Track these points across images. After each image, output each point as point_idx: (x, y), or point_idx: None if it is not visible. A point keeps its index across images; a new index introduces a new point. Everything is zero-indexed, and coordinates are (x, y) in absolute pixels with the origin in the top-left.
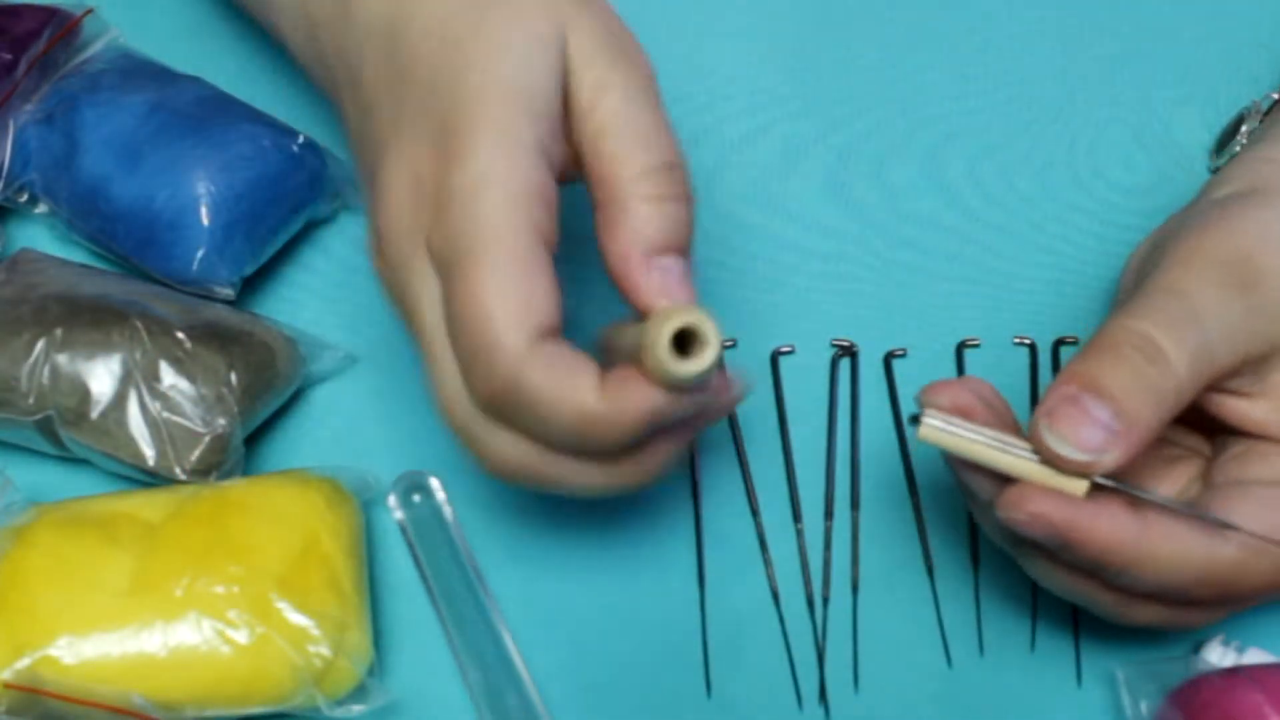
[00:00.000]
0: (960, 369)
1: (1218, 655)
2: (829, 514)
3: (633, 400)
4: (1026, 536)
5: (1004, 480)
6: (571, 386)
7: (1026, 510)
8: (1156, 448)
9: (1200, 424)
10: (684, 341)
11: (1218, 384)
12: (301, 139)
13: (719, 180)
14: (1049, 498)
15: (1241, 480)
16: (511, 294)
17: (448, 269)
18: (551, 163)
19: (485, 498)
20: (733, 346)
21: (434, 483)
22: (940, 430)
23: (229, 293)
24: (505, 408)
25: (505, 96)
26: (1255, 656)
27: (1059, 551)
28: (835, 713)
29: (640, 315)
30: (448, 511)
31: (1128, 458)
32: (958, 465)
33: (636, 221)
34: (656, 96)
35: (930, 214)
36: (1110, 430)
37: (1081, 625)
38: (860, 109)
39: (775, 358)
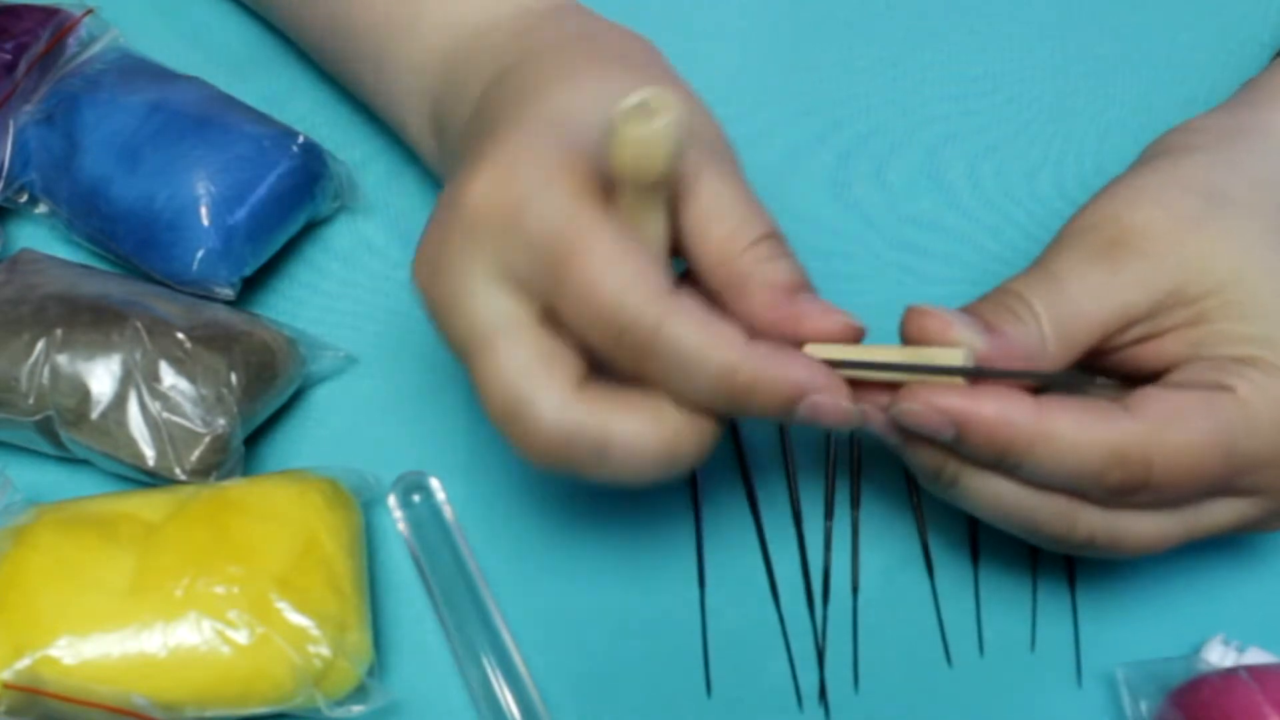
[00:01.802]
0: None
1: (1218, 655)
2: (829, 514)
3: (785, 364)
4: (924, 433)
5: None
6: (719, 332)
7: (919, 400)
8: None
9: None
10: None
11: (1118, 341)
12: (301, 139)
13: None
14: (939, 387)
15: (1146, 389)
16: (627, 261)
17: (555, 268)
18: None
19: (485, 498)
20: None
21: (434, 483)
22: (828, 349)
23: (229, 293)
24: (653, 363)
25: (552, 120)
26: (1255, 656)
27: (958, 445)
28: (835, 713)
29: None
30: (448, 511)
31: (995, 350)
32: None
33: (766, 280)
34: (736, 171)
35: (930, 214)
36: (977, 326)
37: (1081, 625)
38: (861, 110)
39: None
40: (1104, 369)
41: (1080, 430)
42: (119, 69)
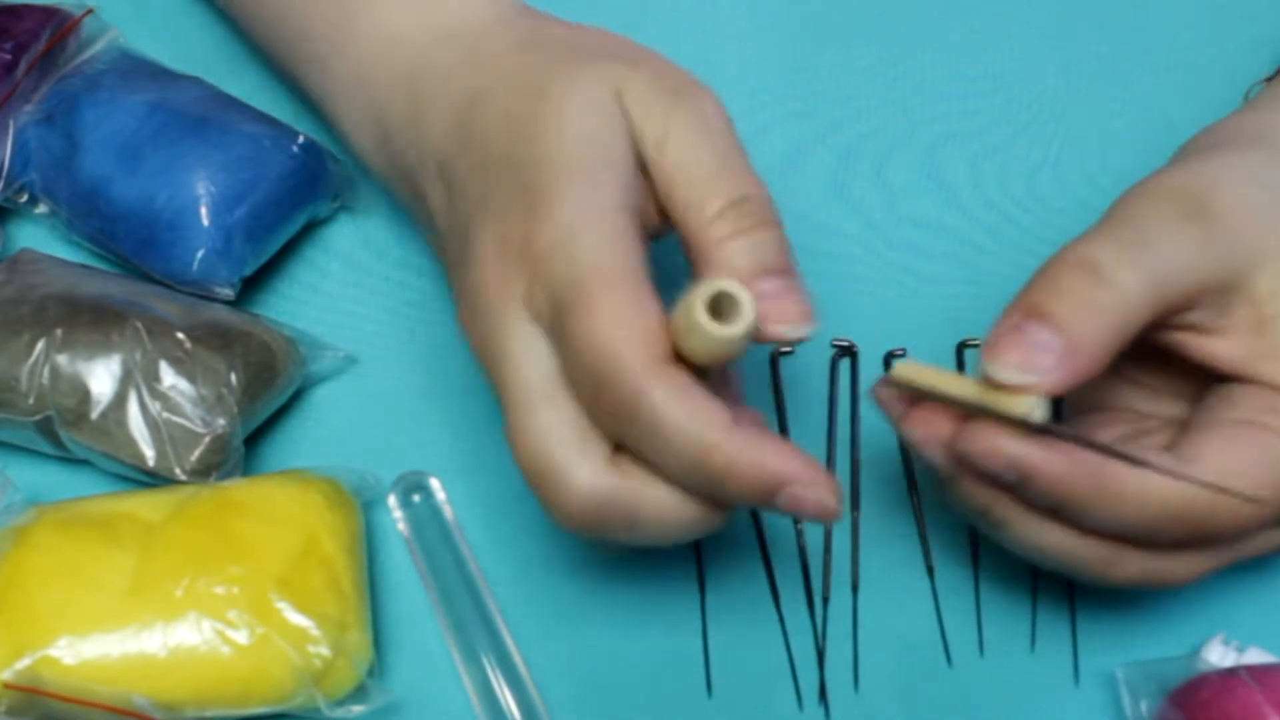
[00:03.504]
0: (961, 369)
1: (1218, 655)
2: None
3: (765, 451)
4: (988, 472)
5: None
6: (703, 410)
7: (985, 442)
8: (1132, 420)
9: (1176, 389)
10: (720, 312)
11: (1179, 319)
12: (302, 139)
13: None
14: (1005, 429)
15: (1210, 422)
16: (632, 321)
17: (561, 314)
18: (636, 216)
19: (485, 498)
20: None
21: (434, 483)
22: (909, 369)
23: (229, 293)
24: (632, 428)
25: (578, 155)
26: (1255, 656)
27: (1019, 487)
28: (835, 713)
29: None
30: (448, 511)
31: (1074, 377)
32: (919, 429)
33: (724, 264)
34: (720, 130)
35: (930, 214)
36: (1053, 352)
37: (1081, 625)
38: (861, 110)
39: (775, 358)
40: (1150, 357)
41: (1143, 487)
42: (119, 69)
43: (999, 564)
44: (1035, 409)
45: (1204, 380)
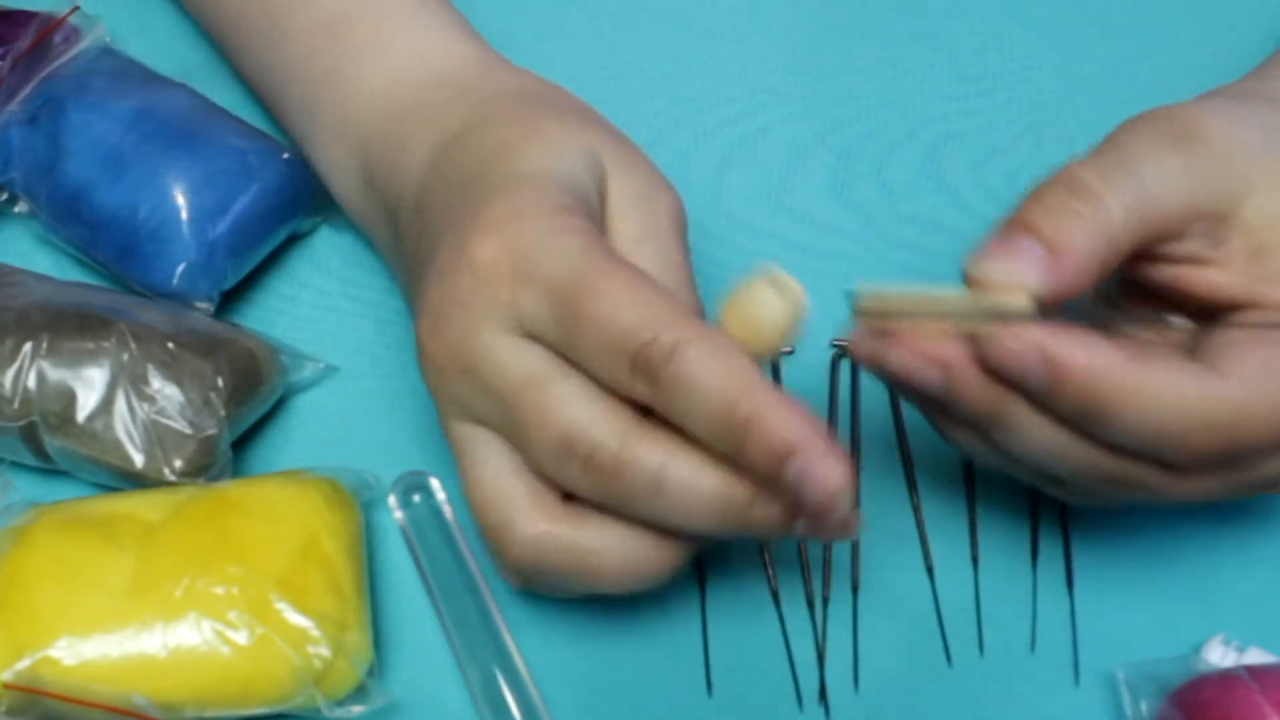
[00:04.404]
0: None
1: (1218, 655)
2: None
3: (793, 411)
4: (1012, 376)
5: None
6: (739, 362)
7: (1013, 340)
8: (1139, 346)
9: (1180, 338)
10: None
11: (1173, 250)
12: (286, 154)
13: (721, 181)
14: (1036, 328)
15: (1223, 336)
16: (652, 284)
17: (573, 295)
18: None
19: None
20: None
21: (434, 483)
22: (878, 297)
23: (208, 306)
24: (656, 387)
25: (541, 177)
26: (1255, 656)
27: (1047, 395)
28: (835, 713)
29: None
30: (448, 511)
31: (1060, 284)
32: (913, 362)
33: None
34: (684, 240)
35: (931, 214)
36: (1039, 258)
37: (1081, 625)
38: (861, 109)
39: (775, 358)
40: (1148, 289)
41: (1174, 391)
42: (106, 71)
43: (999, 564)
44: (1029, 308)
45: (1205, 322)
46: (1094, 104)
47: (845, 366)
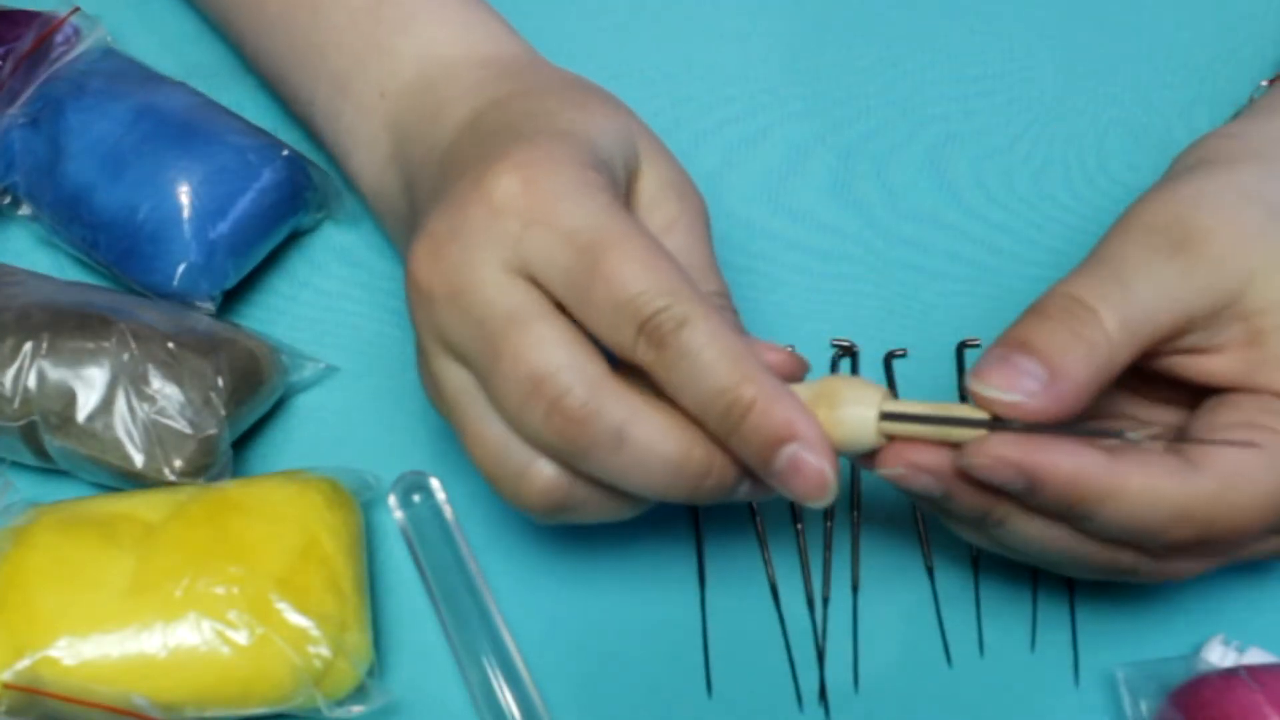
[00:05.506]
0: (960, 369)
1: (1218, 655)
2: (829, 514)
3: (792, 401)
4: (996, 485)
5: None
6: (744, 345)
7: (991, 454)
8: (1131, 427)
9: (1174, 398)
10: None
11: (1171, 345)
12: (286, 152)
13: (722, 180)
14: (1008, 440)
15: (1211, 426)
16: (669, 257)
17: (595, 251)
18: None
19: (485, 498)
20: None
21: (434, 483)
22: (895, 422)
23: (209, 306)
24: (660, 352)
25: (577, 136)
26: (1255, 656)
27: (1027, 495)
28: (835, 713)
29: None
30: (448, 511)
31: (1058, 406)
32: (911, 475)
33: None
34: (709, 233)
35: (931, 214)
36: (1038, 380)
37: (1081, 625)
38: (861, 109)
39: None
40: (1146, 373)
41: (1150, 488)
42: (106, 72)
43: (999, 564)
44: (1016, 422)
45: (1202, 392)
46: (1094, 104)
47: (845, 366)
